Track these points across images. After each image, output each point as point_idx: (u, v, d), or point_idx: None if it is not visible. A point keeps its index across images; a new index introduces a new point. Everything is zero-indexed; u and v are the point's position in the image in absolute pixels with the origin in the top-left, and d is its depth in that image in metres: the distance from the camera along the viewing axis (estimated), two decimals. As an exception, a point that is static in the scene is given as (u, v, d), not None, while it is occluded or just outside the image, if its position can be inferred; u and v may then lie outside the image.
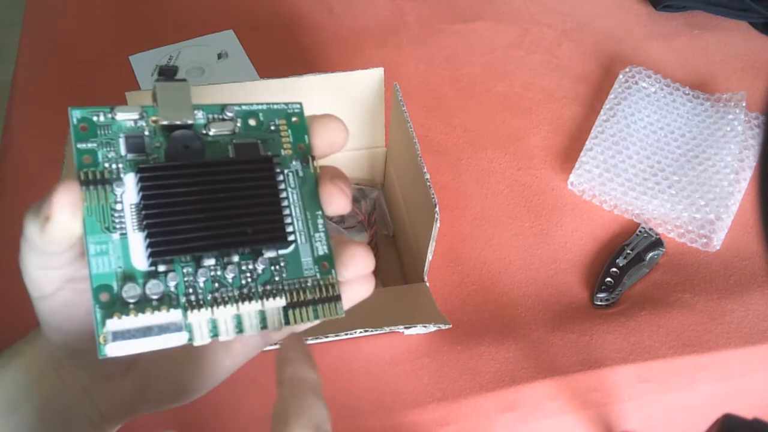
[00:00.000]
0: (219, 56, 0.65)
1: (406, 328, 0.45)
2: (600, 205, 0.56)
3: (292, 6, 0.70)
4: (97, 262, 0.24)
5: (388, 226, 0.54)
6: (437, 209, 0.40)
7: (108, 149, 0.25)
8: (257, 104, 0.28)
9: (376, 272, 0.52)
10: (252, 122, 0.28)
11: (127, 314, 0.23)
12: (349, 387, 0.45)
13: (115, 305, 0.23)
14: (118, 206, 0.25)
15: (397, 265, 0.53)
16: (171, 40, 0.65)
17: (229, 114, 0.28)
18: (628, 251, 0.52)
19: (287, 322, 0.26)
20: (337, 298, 0.27)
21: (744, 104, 0.60)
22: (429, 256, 0.44)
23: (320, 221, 0.27)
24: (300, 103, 0.29)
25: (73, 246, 0.24)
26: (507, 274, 0.52)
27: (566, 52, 0.68)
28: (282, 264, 0.26)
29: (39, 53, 0.65)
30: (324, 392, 0.25)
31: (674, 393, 0.46)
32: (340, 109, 0.50)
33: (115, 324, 0.23)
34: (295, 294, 0.26)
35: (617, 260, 0.52)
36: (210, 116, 0.27)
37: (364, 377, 0.46)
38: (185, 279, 0.25)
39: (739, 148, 0.58)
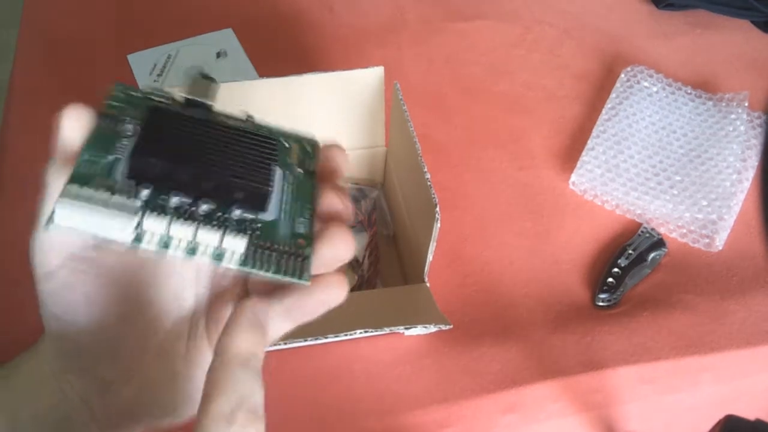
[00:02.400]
0: (218, 55, 0.64)
1: (406, 328, 0.44)
2: (602, 205, 0.56)
3: (291, 4, 0.70)
4: (83, 165, 0.24)
5: (388, 226, 0.54)
6: (438, 209, 0.40)
7: (132, 109, 0.27)
8: (276, 125, 0.30)
9: (377, 273, 0.51)
10: (267, 132, 0.29)
11: (91, 187, 0.23)
12: (349, 388, 0.45)
13: (82, 180, 0.24)
14: (125, 141, 0.26)
15: (398, 265, 0.53)
16: (169, 39, 0.65)
17: (249, 117, 0.29)
18: (630, 251, 0.52)
19: (243, 264, 0.25)
20: (306, 259, 0.26)
21: (746, 104, 0.60)
22: (429, 257, 0.43)
23: (308, 212, 0.27)
24: (315, 140, 0.31)
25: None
26: (508, 275, 0.51)
27: (568, 51, 0.67)
28: (258, 225, 0.26)
29: (37, 52, 0.65)
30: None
31: (676, 394, 0.46)
32: (340, 109, 0.50)
33: (75, 189, 0.23)
34: (260, 241, 0.25)
35: (619, 260, 0.51)
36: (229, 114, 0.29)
37: (364, 378, 0.46)
38: (157, 198, 0.25)
39: (741, 147, 0.57)
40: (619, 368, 0.46)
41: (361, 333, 0.41)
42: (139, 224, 0.24)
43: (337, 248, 0.27)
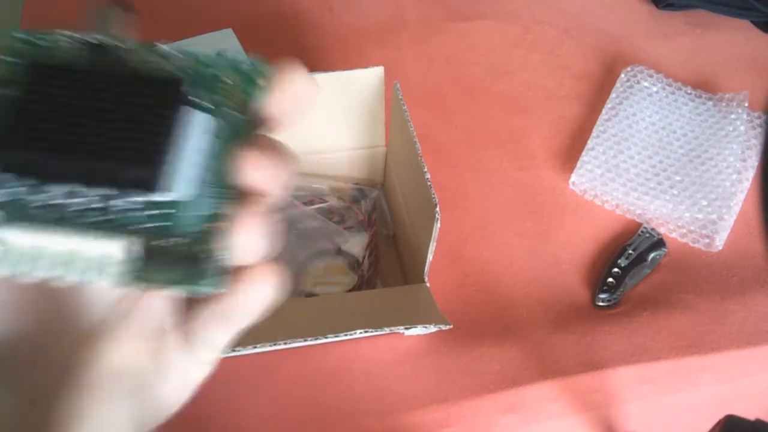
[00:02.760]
0: (226, 54, 0.64)
1: (406, 328, 0.44)
2: (602, 205, 0.56)
3: (291, 4, 0.70)
4: None
5: (388, 226, 0.54)
6: (438, 209, 0.40)
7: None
8: (207, 50, 0.23)
9: (377, 273, 0.51)
10: (191, 65, 0.22)
11: None
12: (349, 388, 0.45)
13: None
14: None
15: (398, 265, 0.53)
16: (169, 38, 0.64)
17: (165, 49, 0.22)
18: (630, 251, 0.52)
19: (122, 277, 0.20)
20: (211, 265, 0.20)
21: (746, 104, 0.60)
22: (429, 257, 0.43)
23: (230, 178, 0.21)
24: (268, 65, 0.23)
25: None
26: (508, 275, 0.51)
27: (568, 51, 0.67)
28: (158, 211, 0.20)
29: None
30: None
31: (676, 394, 0.46)
32: (340, 109, 0.50)
33: None
34: (152, 247, 0.20)
35: (619, 260, 0.51)
36: (142, 48, 0.22)
37: (364, 378, 0.46)
38: (18, 187, 0.20)
39: (741, 147, 0.57)
40: (619, 368, 0.46)
41: (361, 333, 0.41)
42: None
43: (247, 239, 0.21)
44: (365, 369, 0.46)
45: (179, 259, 0.20)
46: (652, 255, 0.52)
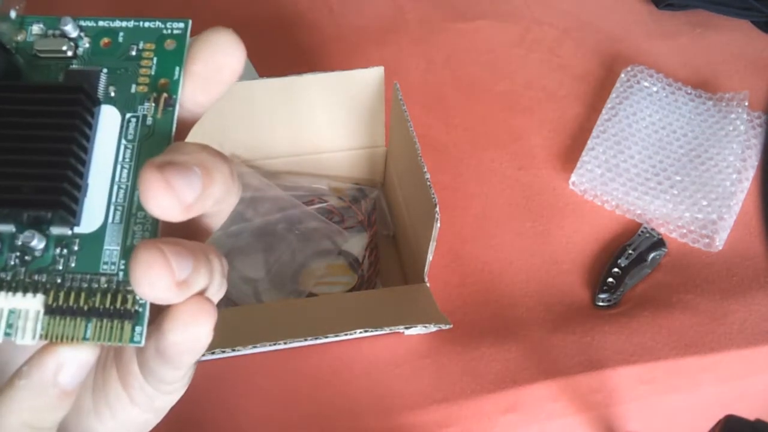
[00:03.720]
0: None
1: (406, 328, 0.44)
2: (602, 205, 0.56)
3: (291, 5, 0.70)
4: None
5: (388, 226, 0.54)
6: (437, 209, 0.40)
7: None
8: (122, 20, 0.21)
9: (377, 273, 0.51)
10: (105, 43, 0.20)
11: None
12: (349, 388, 0.45)
13: None
14: None
15: (398, 265, 0.53)
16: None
17: (70, 30, 0.20)
18: (630, 251, 0.52)
19: (42, 334, 0.18)
20: (136, 315, 0.18)
21: (746, 103, 0.60)
22: (429, 257, 0.43)
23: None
24: (186, 21, 0.21)
25: None
26: (508, 275, 0.51)
27: (567, 51, 0.67)
28: (72, 248, 0.18)
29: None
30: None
31: (676, 394, 0.46)
32: (340, 109, 0.50)
33: None
34: (69, 296, 0.18)
35: (619, 260, 0.51)
36: (49, 32, 0.20)
37: (363, 378, 0.46)
38: None
39: (741, 147, 0.57)
40: (619, 368, 0.46)
41: (361, 333, 0.41)
42: None
43: (187, 331, 0.18)
44: (365, 369, 0.46)
45: (99, 306, 0.18)
46: (652, 255, 0.52)
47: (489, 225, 0.54)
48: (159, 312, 0.18)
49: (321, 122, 0.50)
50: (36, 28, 0.20)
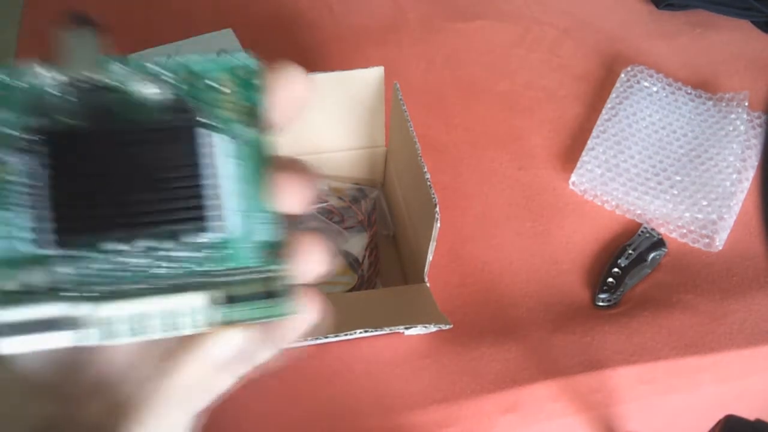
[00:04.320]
0: (218, 55, 0.64)
1: (406, 328, 0.44)
2: (602, 205, 0.56)
3: (291, 4, 0.70)
4: None
5: (388, 226, 0.54)
6: (438, 209, 0.40)
7: (3, 110, 0.21)
8: (196, 56, 0.23)
9: (377, 273, 0.51)
10: (187, 77, 0.23)
11: (8, 306, 0.20)
12: (349, 388, 0.45)
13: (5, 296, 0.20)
14: (11, 177, 0.21)
15: (398, 265, 0.53)
16: (169, 38, 0.64)
17: (155, 68, 0.23)
18: (630, 251, 0.52)
19: (215, 322, 0.21)
20: (284, 292, 0.21)
21: (746, 104, 0.60)
22: (429, 257, 0.43)
23: (267, 199, 0.22)
24: (248, 51, 0.24)
25: None
26: (508, 275, 0.51)
27: (567, 51, 0.67)
28: (212, 251, 0.21)
29: (37, 52, 0.65)
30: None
31: (676, 394, 0.46)
32: (340, 109, 0.50)
33: (4, 316, 0.20)
34: (226, 288, 0.21)
35: (619, 260, 0.51)
36: (132, 70, 0.23)
37: (363, 378, 0.46)
38: (82, 266, 0.21)
39: (741, 147, 0.57)
40: (619, 368, 0.46)
41: (361, 333, 0.41)
42: (72, 322, 0.20)
43: (311, 264, 0.22)
44: (365, 369, 0.46)
45: (252, 292, 0.21)
46: (652, 255, 0.52)
47: (489, 225, 0.54)
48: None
49: (321, 122, 0.50)
50: (118, 69, 0.23)
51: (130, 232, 0.21)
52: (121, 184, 0.21)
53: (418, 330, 0.46)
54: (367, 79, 0.48)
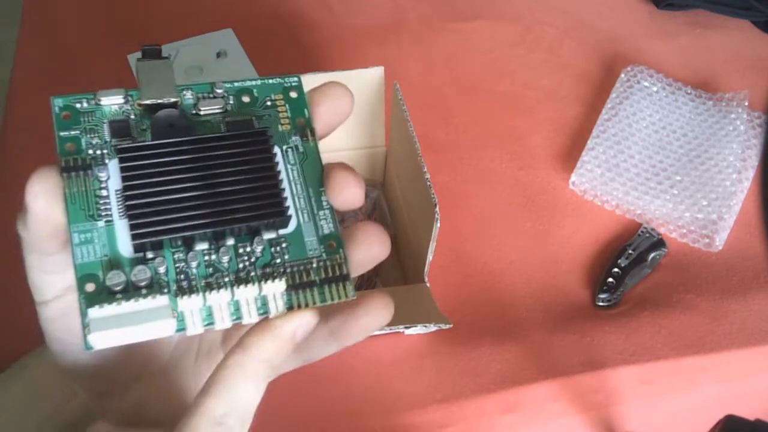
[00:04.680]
0: (218, 55, 0.64)
1: (406, 328, 0.44)
2: (602, 205, 0.56)
3: (291, 4, 0.70)
4: (81, 251, 0.23)
5: (388, 226, 0.54)
6: (437, 209, 0.40)
7: (92, 135, 0.24)
8: (251, 80, 0.27)
9: (377, 273, 0.51)
10: (246, 99, 0.27)
11: (112, 302, 0.22)
12: (349, 388, 0.45)
13: (101, 295, 0.22)
14: (103, 192, 0.24)
15: (398, 265, 0.53)
16: (169, 38, 0.64)
17: (219, 91, 0.26)
18: (630, 251, 0.52)
19: (290, 307, 0.24)
20: (346, 278, 0.24)
21: (746, 103, 0.60)
22: (429, 257, 0.43)
23: (324, 198, 0.25)
24: (298, 77, 0.28)
25: (65, 242, 0.23)
26: (508, 275, 0.51)
27: (567, 51, 0.67)
28: (283, 245, 0.24)
29: (37, 52, 0.65)
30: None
31: (676, 394, 0.46)
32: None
33: (97, 312, 0.22)
34: (297, 276, 0.24)
35: (619, 260, 0.51)
36: (199, 95, 0.26)
37: (363, 378, 0.46)
38: (176, 265, 0.23)
39: (741, 147, 0.57)
40: (619, 368, 0.46)
41: (361, 333, 0.41)
42: (175, 314, 0.23)
43: (372, 250, 0.25)
44: (365, 368, 0.46)
45: (318, 278, 0.24)
46: (652, 255, 0.52)
47: (489, 225, 0.54)
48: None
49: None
50: (188, 94, 0.26)
51: (216, 228, 0.23)
52: (207, 185, 0.24)
53: (418, 330, 0.46)
54: (367, 79, 0.48)
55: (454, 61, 0.66)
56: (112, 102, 0.25)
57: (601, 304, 0.50)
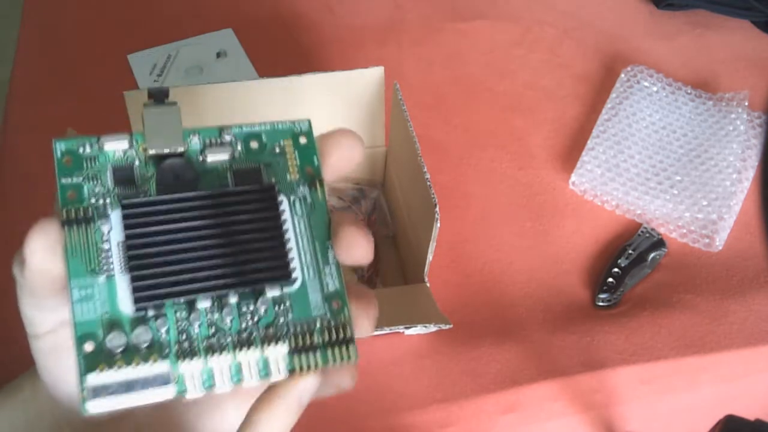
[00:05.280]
0: (218, 55, 0.64)
1: (406, 328, 0.44)
2: (602, 205, 0.56)
3: (291, 5, 0.70)
4: (81, 309, 0.22)
5: (388, 226, 0.54)
6: (437, 209, 0.40)
7: (95, 183, 0.24)
8: (260, 124, 0.26)
9: (377, 273, 0.51)
10: (254, 145, 0.25)
11: (112, 366, 0.22)
12: (349, 388, 0.45)
13: (100, 356, 0.22)
14: (105, 245, 0.23)
15: (398, 265, 0.53)
16: (169, 38, 0.65)
17: (228, 137, 0.25)
18: (630, 251, 0.52)
19: (291, 369, 0.23)
20: (350, 341, 0.24)
21: (746, 103, 0.60)
22: (429, 257, 0.43)
23: (331, 253, 0.25)
24: (308, 120, 0.27)
25: (63, 288, 0.23)
26: (508, 275, 0.51)
27: (568, 51, 0.67)
28: (287, 303, 0.24)
29: (37, 52, 0.65)
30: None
31: (676, 394, 0.46)
32: (340, 109, 0.50)
33: (96, 379, 0.21)
34: (301, 338, 0.24)
35: (619, 260, 0.51)
36: (207, 140, 0.25)
37: (363, 378, 0.45)
38: (177, 324, 0.23)
39: (741, 147, 0.57)
40: (619, 368, 0.46)
41: (361, 333, 0.41)
42: (176, 377, 0.22)
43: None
44: (365, 368, 0.46)
45: (322, 340, 0.24)
46: (652, 255, 0.52)
47: (489, 225, 0.54)
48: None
49: (321, 122, 0.50)
50: (195, 139, 0.25)
51: (221, 290, 0.23)
52: (211, 244, 0.23)
53: (418, 330, 0.46)
54: (367, 79, 0.48)
55: (454, 61, 0.66)
56: (115, 147, 0.24)
57: (601, 304, 0.50)
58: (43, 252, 0.22)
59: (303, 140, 0.26)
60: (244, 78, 0.59)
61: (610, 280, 0.50)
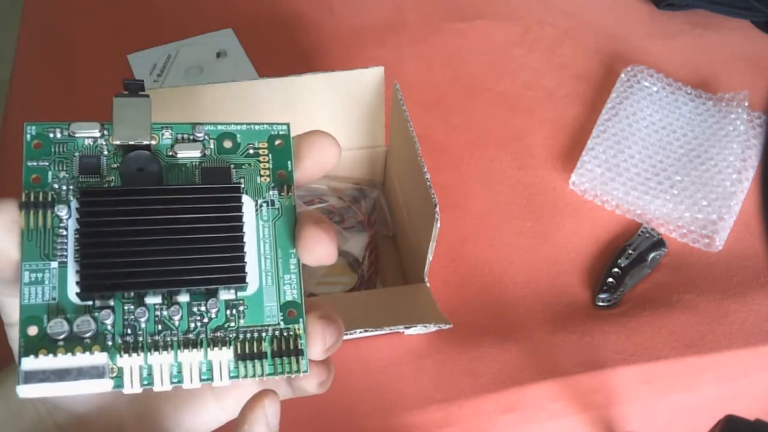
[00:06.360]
0: (218, 55, 0.64)
1: (406, 328, 0.44)
2: (602, 205, 0.56)
3: (291, 4, 0.70)
4: (29, 292, 0.22)
5: (388, 226, 0.54)
6: (437, 209, 0.40)
7: (60, 169, 0.24)
8: (236, 124, 0.25)
9: (377, 273, 0.51)
10: (227, 144, 0.25)
11: (51, 352, 0.21)
12: (348, 388, 0.45)
13: (43, 341, 0.22)
14: (62, 231, 0.23)
15: (398, 265, 0.53)
16: (169, 38, 0.65)
17: (200, 135, 0.25)
18: (630, 251, 0.52)
19: (234, 376, 0.23)
20: (301, 353, 0.23)
21: (746, 104, 0.60)
22: (429, 257, 0.43)
23: (293, 261, 0.24)
24: (287, 124, 0.26)
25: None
26: (508, 275, 0.51)
27: (568, 51, 0.67)
28: (240, 308, 0.24)
29: (37, 52, 0.65)
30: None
31: (676, 394, 0.46)
32: (340, 109, 0.50)
33: (31, 363, 0.21)
34: (248, 345, 0.23)
35: (619, 260, 0.51)
36: (179, 136, 0.25)
37: (363, 378, 0.46)
38: (125, 317, 0.22)
39: (741, 147, 0.57)
40: (619, 368, 0.46)
41: (360, 333, 0.41)
42: (113, 369, 0.22)
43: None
44: (364, 369, 0.46)
45: (272, 349, 0.23)
46: (652, 255, 0.52)
47: (489, 225, 0.54)
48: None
49: (321, 122, 0.50)
50: (167, 134, 0.25)
51: (172, 287, 0.23)
52: (166, 240, 0.23)
53: (418, 330, 0.46)
54: (367, 78, 0.48)
55: (454, 61, 0.66)
56: (86, 134, 0.24)
57: (601, 304, 0.50)
58: (5, 226, 0.22)
59: (279, 143, 0.26)
60: (244, 78, 0.59)
61: (610, 280, 0.50)
